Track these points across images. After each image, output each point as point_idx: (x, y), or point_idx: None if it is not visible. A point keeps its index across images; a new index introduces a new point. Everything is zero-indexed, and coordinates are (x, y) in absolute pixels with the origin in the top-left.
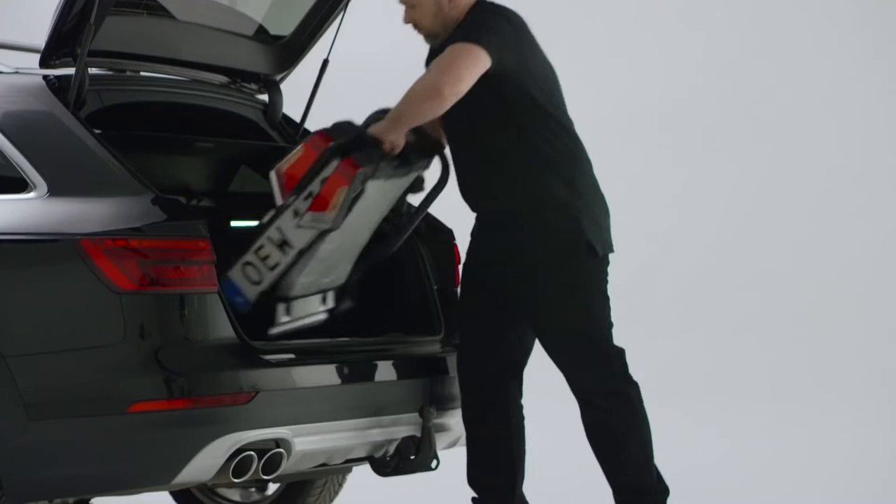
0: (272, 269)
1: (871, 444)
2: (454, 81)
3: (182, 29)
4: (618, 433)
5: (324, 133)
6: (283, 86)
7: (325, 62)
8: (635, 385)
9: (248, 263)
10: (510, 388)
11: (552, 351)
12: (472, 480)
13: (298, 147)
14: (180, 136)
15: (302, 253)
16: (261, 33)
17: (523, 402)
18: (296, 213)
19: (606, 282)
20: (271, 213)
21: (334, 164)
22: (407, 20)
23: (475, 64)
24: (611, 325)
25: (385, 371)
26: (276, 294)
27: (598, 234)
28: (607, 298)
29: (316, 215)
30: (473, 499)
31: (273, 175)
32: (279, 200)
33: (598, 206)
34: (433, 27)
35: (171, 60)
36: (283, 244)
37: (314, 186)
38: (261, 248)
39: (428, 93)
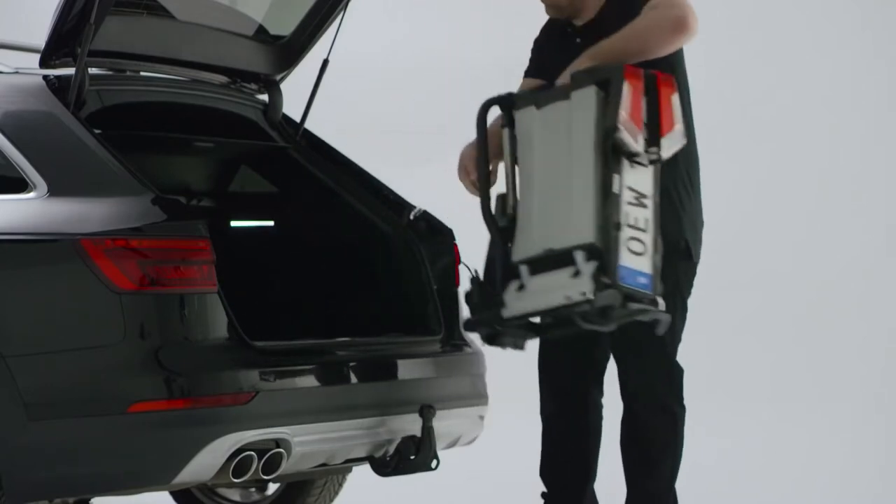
0: (645, 230)
1: (871, 444)
2: (695, 18)
3: (182, 29)
4: (653, 448)
5: (626, 64)
6: (283, 86)
7: (325, 62)
8: (684, 409)
9: (631, 239)
10: (591, 388)
11: (620, 348)
12: (544, 475)
13: (619, 90)
14: (180, 136)
15: (653, 197)
16: (261, 33)
17: (604, 401)
18: (633, 159)
19: (690, 293)
20: (613, 181)
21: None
22: None
23: (696, 18)
24: (680, 340)
25: (385, 371)
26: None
27: (694, 238)
28: (686, 310)
29: (670, 136)
30: (543, 493)
31: (622, 129)
32: (639, 147)
33: (698, 212)
34: None
35: (171, 60)
36: (640, 198)
37: (647, 115)
38: (627, 215)
39: (672, 23)
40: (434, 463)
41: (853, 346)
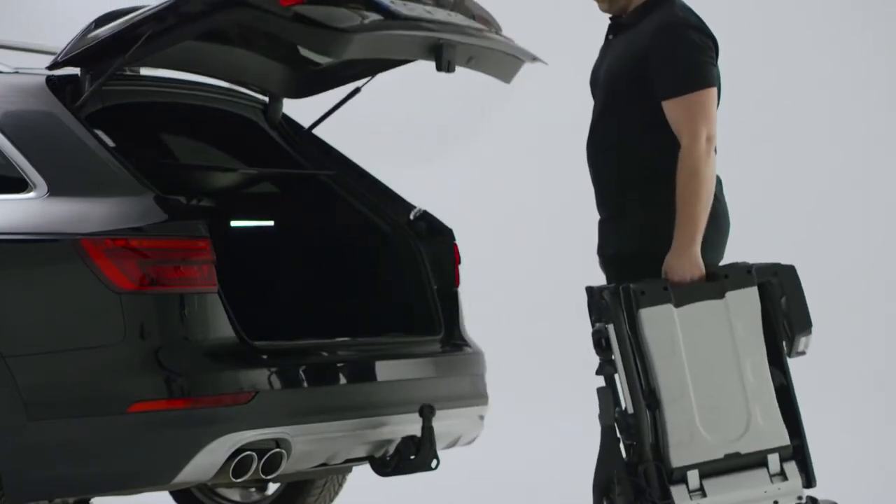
0: None
1: (871, 444)
2: (711, 137)
3: (208, 49)
4: None
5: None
6: None
7: (357, 90)
8: None
9: None
10: None
11: None
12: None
13: (801, 293)
14: (204, 165)
15: None
16: (294, 53)
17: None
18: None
19: None
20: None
21: None
22: None
23: (713, 105)
24: None
25: (385, 371)
26: None
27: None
28: None
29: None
30: None
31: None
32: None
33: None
34: None
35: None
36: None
37: None
38: None
39: (701, 160)
40: (434, 463)
41: (853, 346)
